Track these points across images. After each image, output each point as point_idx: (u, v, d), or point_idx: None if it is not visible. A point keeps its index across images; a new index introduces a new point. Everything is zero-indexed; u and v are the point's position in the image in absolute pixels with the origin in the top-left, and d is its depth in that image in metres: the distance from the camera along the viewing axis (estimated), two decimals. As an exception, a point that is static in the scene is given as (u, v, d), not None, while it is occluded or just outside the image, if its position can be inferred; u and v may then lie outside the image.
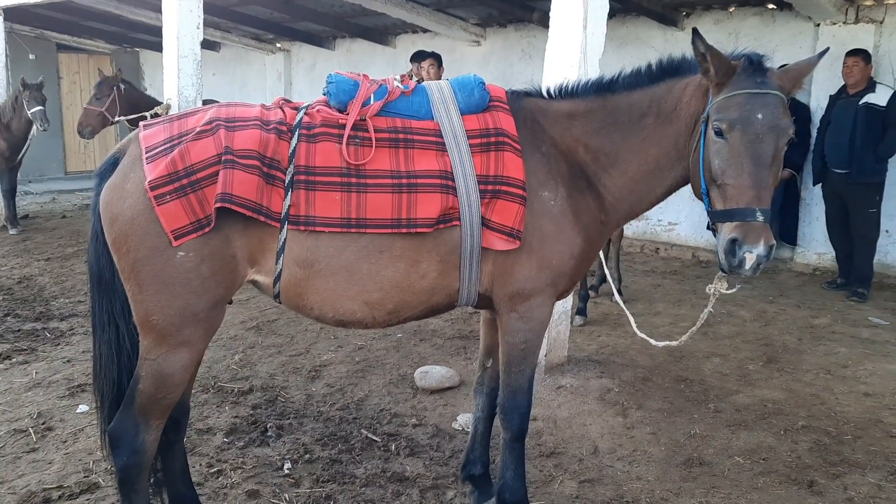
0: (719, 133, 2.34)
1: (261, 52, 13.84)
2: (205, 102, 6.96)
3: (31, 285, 6.90)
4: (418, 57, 7.33)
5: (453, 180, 2.53)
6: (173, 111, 6.67)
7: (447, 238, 2.57)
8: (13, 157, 9.48)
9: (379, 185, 2.48)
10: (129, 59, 16.79)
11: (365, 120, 2.56)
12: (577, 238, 2.71)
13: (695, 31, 2.39)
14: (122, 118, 8.50)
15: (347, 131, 2.52)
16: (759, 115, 2.28)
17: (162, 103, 7.21)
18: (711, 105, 2.40)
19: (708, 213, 2.48)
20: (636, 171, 2.71)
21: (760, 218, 2.24)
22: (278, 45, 13.65)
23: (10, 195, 9.58)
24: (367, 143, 2.53)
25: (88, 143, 8.94)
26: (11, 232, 9.39)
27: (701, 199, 2.52)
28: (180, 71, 6.61)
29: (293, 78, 13.88)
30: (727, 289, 2.64)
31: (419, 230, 2.50)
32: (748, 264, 2.24)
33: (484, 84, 2.71)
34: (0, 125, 9.31)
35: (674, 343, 3.14)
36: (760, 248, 2.22)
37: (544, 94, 2.86)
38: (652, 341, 3.39)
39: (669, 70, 2.67)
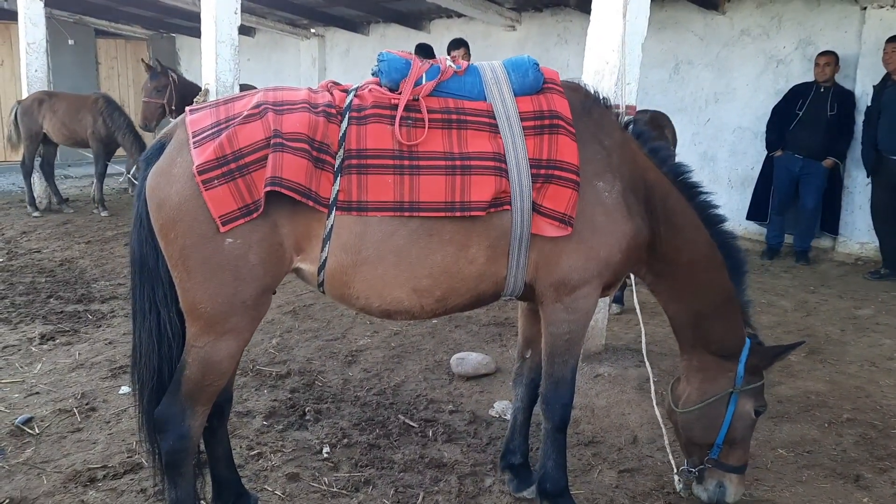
0: (758, 413, 2.96)
1: (295, 37, 13.88)
2: (242, 88, 7.01)
3: (72, 268, 7.03)
4: (454, 45, 7.49)
5: (506, 163, 2.47)
6: (211, 96, 6.71)
7: (497, 223, 2.51)
8: (109, 146, 9.84)
9: (432, 167, 2.41)
10: (166, 45, 16.96)
11: (418, 100, 2.50)
12: (629, 233, 2.66)
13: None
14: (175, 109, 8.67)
15: (400, 111, 2.45)
16: None
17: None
18: (750, 386, 2.92)
19: (711, 460, 2.96)
20: (682, 266, 2.91)
21: None
22: (313, 30, 13.67)
23: (100, 179, 10.08)
24: (419, 123, 2.46)
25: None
26: (63, 210, 9.99)
27: (696, 444, 3.02)
28: (218, 56, 6.63)
29: (327, 63, 13.90)
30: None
31: (473, 213, 2.44)
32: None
33: (538, 65, 2.64)
34: (103, 116, 9.66)
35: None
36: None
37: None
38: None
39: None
